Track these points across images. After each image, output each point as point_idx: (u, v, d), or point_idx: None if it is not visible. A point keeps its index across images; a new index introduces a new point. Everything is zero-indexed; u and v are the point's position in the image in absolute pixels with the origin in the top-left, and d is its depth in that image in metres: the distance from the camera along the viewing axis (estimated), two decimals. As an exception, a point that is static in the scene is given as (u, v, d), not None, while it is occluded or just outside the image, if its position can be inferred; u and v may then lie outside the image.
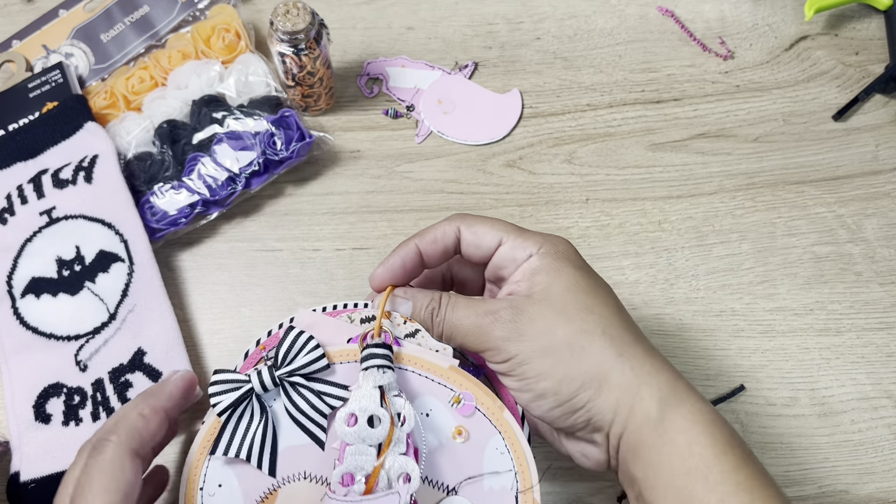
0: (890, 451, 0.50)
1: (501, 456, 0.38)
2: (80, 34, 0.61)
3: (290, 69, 0.55)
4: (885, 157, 0.59)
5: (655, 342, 0.53)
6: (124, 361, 0.49)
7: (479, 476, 0.38)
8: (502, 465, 0.38)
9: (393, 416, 0.37)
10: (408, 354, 0.39)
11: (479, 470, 0.38)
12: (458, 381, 0.39)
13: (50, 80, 0.57)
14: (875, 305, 0.54)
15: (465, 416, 0.39)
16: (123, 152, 0.55)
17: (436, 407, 0.39)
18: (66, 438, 0.48)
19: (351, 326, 0.41)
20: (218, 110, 0.55)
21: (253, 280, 0.55)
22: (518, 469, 0.38)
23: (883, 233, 0.56)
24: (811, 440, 0.51)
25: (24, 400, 0.49)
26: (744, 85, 0.61)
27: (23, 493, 0.47)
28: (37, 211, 0.53)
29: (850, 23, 0.63)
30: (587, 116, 0.60)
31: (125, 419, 0.39)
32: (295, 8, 0.52)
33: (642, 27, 0.63)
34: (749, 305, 0.54)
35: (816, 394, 0.52)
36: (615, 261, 0.55)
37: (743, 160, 0.59)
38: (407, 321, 0.41)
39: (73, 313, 0.50)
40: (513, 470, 0.38)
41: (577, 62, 0.62)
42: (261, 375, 0.38)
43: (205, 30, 0.59)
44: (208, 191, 0.54)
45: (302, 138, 0.55)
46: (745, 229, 0.56)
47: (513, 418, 0.38)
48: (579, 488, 0.49)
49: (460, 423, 0.39)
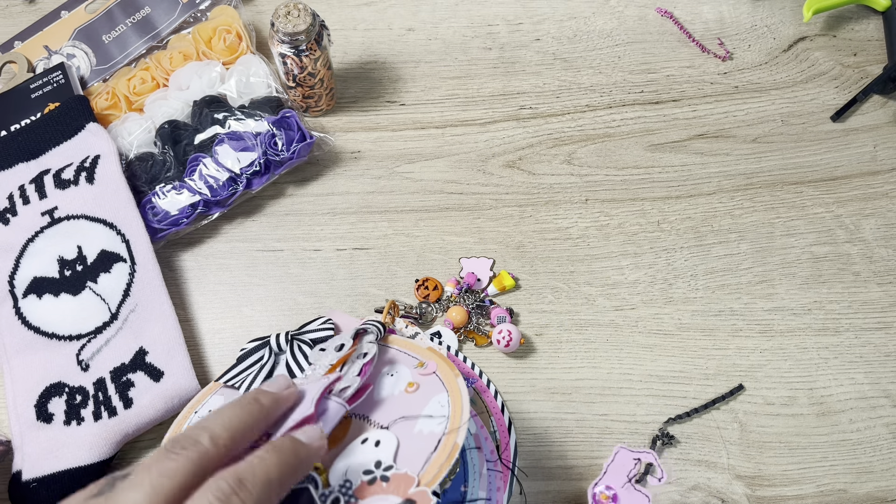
0: (888, 450, 0.50)
1: (441, 408, 0.38)
2: (81, 35, 0.61)
3: (291, 70, 0.55)
4: (884, 158, 0.59)
5: (654, 342, 0.53)
6: (126, 361, 0.50)
7: (414, 417, 0.38)
8: (439, 413, 0.38)
9: (354, 349, 0.42)
10: (396, 338, 0.44)
11: (417, 413, 0.39)
12: (429, 356, 0.41)
13: (52, 80, 0.58)
14: (873, 305, 0.54)
15: (422, 376, 0.40)
16: (125, 153, 0.55)
17: (402, 370, 0.41)
18: (68, 438, 0.48)
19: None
20: (219, 111, 0.56)
21: (254, 280, 0.55)
22: (451, 420, 0.38)
23: (881, 233, 0.56)
24: (809, 439, 0.51)
25: (25, 399, 0.49)
26: (742, 86, 0.61)
27: (25, 492, 0.47)
28: (39, 211, 0.53)
29: (849, 24, 0.63)
30: (586, 117, 0.60)
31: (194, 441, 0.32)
32: (296, 9, 0.52)
33: (641, 28, 0.63)
34: (748, 305, 0.54)
35: (815, 393, 0.52)
36: (614, 261, 0.56)
37: (741, 161, 0.59)
38: (408, 325, 0.46)
39: (75, 313, 0.51)
40: (446, 417, 0.38)
41: (577, 63, 0.62)
42: (279, 337, 0.45)
43: (206, 31, 0.59)
44: (209, 191, 0.54)
45: (303, 139, 0.55)
46: (744, 229, 0.57)
47: (464, 385, 0.39)
48: (580, 488, 0.50)
49: (416, 380, 0.40)
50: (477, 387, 0.47)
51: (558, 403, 0.52)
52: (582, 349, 0.53)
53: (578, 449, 0.51)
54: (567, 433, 0.51)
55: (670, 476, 0.50)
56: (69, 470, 0.47)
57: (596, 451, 0.51)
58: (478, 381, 0.47)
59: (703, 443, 0.51)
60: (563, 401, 0.52)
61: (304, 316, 0.54)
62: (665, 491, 0.50)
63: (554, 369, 0.53)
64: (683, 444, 0.51)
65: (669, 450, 0.51)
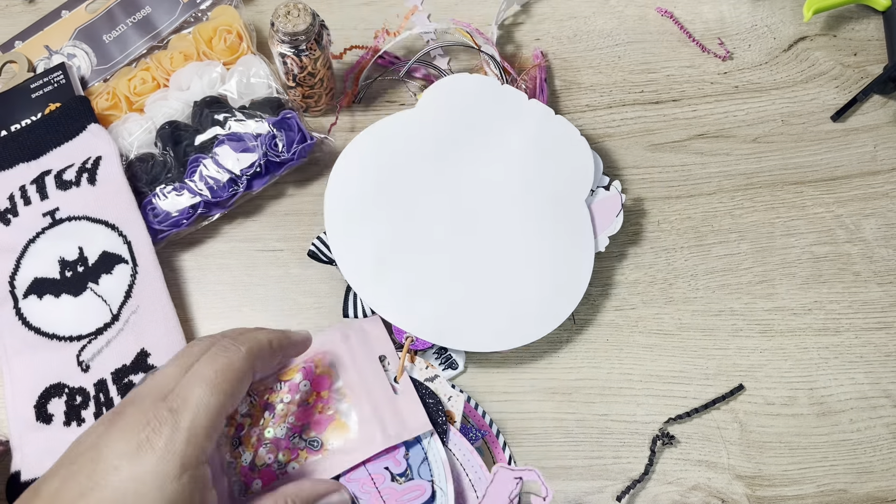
0: (888, 450, 0.50)
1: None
2: (82, 35, 0.61)
3: (291, 70, 0.55)
4: (884, 158, 0.59)
5: (654, 342, 0.53)
6: (127, 363, 0.50)
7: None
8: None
9: None
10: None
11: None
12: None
13: (52, 80, 0.58)
14: (873, 305, 0.54)
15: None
16: (125, 153, 0.55)
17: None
18: (68, 438, 0.47)
19: None
20: (219, 112, 0.56)
21: (254, 280, 0.55)
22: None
23: (881, 233, 0.56)
24: (810, 439, 0.51)
25: (25, 400, 0.49)
26: (743, 86, 0.61)
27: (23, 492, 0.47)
28: (40, 212, 0.53)
29: (849, 24, 0.63)
30: (586, 117, 0.60)
31: (254, 337, 0.38)
32: (296, 9, 0.52)
33: (641, 28, 0.63)
34: (748, 305, 0.54)
35: (815, 393, 0.52)
36: (614, 261, 0.56)
37: (742, 160, 0.59)
38: (428, 366, 0.49)
39: (76, 314, 0.51)
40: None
41: (577, 63, 0.62)
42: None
43: (207, 31, 0.59)
44: (210, 192, 0.54)
45: (303, 140, 0.55)
46: (744, 229, 0.57)
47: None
48: (579, 488, 0.50)
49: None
50: (487, 439, 0.49)
51: (558, 403, 0.52)
52: (582, 349, 0.53)
53: (578, 449, 0.51)
54: (567, 433, 0.51)
55: (670, 476, 0.50)
56: (70, 470, 0.47)
57: (596, 451, 0.51)
58: (489, 433, 0.49)
59: (703, 443, 0.51)
60: (563, 401, 0.52)
61: (304, 316, 0.54)
62: (665, 491, 0.50)
63: (554, 369, 0.53)
64: (683, 444, 0.51)
65: (669, 450, 0.51)
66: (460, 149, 0.54)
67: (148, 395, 0.35)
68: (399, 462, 0.44)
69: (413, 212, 0.52)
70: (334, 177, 0.53)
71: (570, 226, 0.52)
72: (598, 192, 0.53)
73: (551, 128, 0.54)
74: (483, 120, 0.54)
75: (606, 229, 0.52)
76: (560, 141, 0.54)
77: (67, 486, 0.33)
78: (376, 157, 0.54)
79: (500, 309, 0.50)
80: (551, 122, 0.54)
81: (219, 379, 0.35)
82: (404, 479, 0.44)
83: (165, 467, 0.33)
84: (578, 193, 0.53)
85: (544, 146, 0.53)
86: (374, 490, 0.43)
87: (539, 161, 0.53)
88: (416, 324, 0.49)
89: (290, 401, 0.43)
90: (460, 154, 0.54)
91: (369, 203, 0.53)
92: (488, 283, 0.51)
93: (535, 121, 0.54)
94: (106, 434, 0.34)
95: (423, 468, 0.44)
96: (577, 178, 0.53)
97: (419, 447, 0.45)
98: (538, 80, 0.58)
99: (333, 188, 0.53)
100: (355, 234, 0.52)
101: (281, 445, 0.42)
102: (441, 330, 0.49)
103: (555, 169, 0.53)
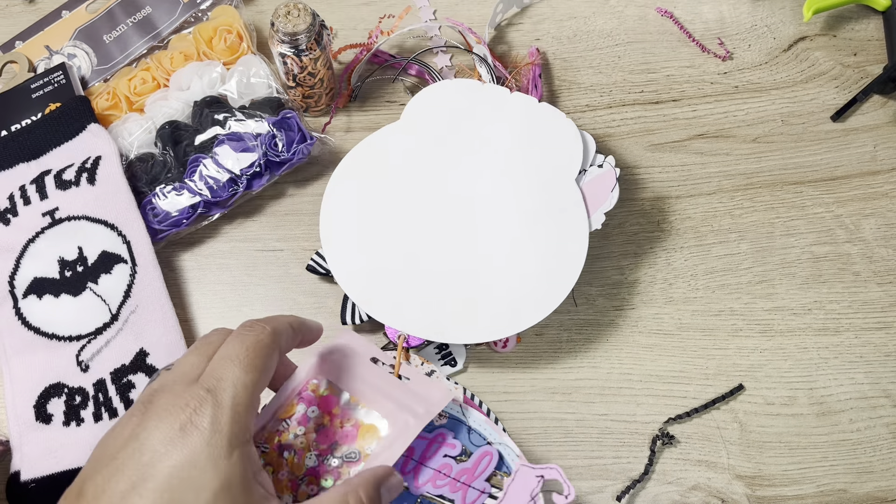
0: (888, 450, 0.50)
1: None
2: (82, 35, 0.61)
3: (291, 70, 0.55)
4: (884, 158, 0.59)
5: (654, 342, 0.53)
6: (126, 362, 0.50)
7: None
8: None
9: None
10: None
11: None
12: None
13: (52, 80, 0.58)
14: (873, 305, 0.54)
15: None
16: (125, 153, 0.55)
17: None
18: (67, 438, 0.48)
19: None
20: (219, 112, 0.56)
21: (254, 280, 0.55)
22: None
23: (881, 233, 0.56)
24: (809, 439, 0.51)
25: (24, 400, 0.49)
26: (742, 86, 0.61)
27: (23, 492, 0.47)
28: (39, 212, 0.53)
29: (849, 24, 0.63)
30: (586, 117, 0.60)
31: (275, 318, 0.38)
32: (296, 9, 0.52)
33: (641, 28, 0.63)
34: (748, 305, 0.54)
35: (815, 393, 0.52)
36: (614, 261, 0.56)
37: (741, 160, 0.59)
38: (424, 363, 0.50)
39: (75, 314, 0.51)
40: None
41: (577, 63, 0.62)
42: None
43: (207, 31, 0.59)
44: (210, 192, 0.54)
45: (303, 139, 0.55)
46: (744, 229, 0.57)
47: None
48: (579, 488, 0.50)
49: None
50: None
51: (558, 403, 0.52)
52: (582, 349, 0.53)
53: (578, 449, 0.51)
54: (567, 433, 0.51)
55: (670, 476, 0.50)
56: (68, 471, 0.47)
57: (596, 451, 0.51)
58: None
59: (703, 443, 0.51)
60: (563, 401, 0.52)
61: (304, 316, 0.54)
62: (665, 491, 0.50)
63: (554, 369, 0.53)
64: (683, 444, 0.51)
65: (669, 450, 0.51)
66: (448, 152, 0.54)
67: (176, 381, 0.34)
68: (454, 445, 0.44)
69: (406, 221, 0.53)
70: (327, 199, 0.53)
71: (562, 207, 0.52)
72: (591, 170, 0.53)
73: (537, 115, 0.54)
74: (467, 120, 0.55)
75: (602, 206, 0.52)
76: (546, 126, 0.54)
77: (114, 481, 0.31)
78: (366, 175, 0.54)
79: (497, 299, 0.50)
80: (536, 109, 0.54)
81: (251, 356, 0.34)
82: (466, 456, 0.44)
83: (215, 446, 0.31)
84: (568, 174, 0.53)
85: (531, 134, 0.54)
86: (448, 480, 0.43)
87: (527, 149, 0.54)
88: (416, 323, 0.49)
89: (306, 431, 0.42)
90: (448, 157, 0.54)
91: (364, 218, 0.53)
92: (484, 277, 0.51)
93: (519, 111, 0.54)
94: (142, 424, 0.32)
95: (475, 437, 0.44)
96: (567, 159, 0.53)
97: (458, 423, 0.45)
98: (532, 77, 0.58)
99: (327, 208, 0.53)
100: (351, 248, 0.52)
101: (319, 473, 0.42)
102: (441, 329, 0.49)
103: (543, 154, 0.53)
